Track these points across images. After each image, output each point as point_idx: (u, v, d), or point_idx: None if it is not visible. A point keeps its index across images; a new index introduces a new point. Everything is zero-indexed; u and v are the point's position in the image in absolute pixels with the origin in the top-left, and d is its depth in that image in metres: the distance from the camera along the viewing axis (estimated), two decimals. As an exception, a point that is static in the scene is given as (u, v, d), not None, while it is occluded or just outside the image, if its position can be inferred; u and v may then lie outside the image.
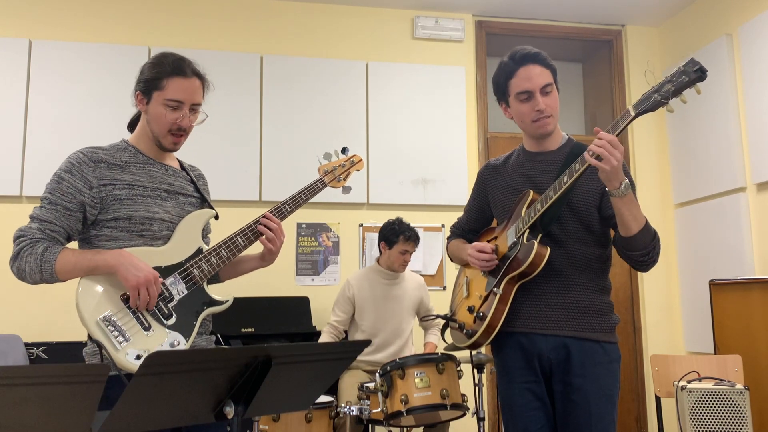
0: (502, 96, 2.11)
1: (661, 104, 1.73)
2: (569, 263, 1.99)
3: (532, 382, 1.99)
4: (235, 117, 4.30)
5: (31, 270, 1.75)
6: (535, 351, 1.98)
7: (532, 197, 2.01)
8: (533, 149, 2.13)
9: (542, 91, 2.01)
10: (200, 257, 1.88)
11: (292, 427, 2.75)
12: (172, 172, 1.97)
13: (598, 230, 2.03)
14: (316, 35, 4.56)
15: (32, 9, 4.19)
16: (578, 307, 1.98)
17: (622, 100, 4.91)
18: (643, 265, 1.93)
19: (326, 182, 2.14)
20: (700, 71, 1.68)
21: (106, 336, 1.70)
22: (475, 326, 2.03)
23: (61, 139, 4.02)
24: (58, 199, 1.80)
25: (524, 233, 1.97)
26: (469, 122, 4.67)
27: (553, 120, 2.05)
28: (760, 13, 3.97)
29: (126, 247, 1.81)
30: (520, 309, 2.01)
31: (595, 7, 4.71)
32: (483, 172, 2.27)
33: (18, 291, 3.78)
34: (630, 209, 1.82)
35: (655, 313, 4.68)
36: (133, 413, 1.23)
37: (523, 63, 2.02)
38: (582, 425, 1.93)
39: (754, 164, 3.98)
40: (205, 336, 1.97)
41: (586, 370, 1.94)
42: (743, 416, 2.90)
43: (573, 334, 1.96)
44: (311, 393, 1.54)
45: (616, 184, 1.78)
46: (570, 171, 1.85)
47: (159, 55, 1.92)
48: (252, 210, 4.13)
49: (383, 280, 3.66)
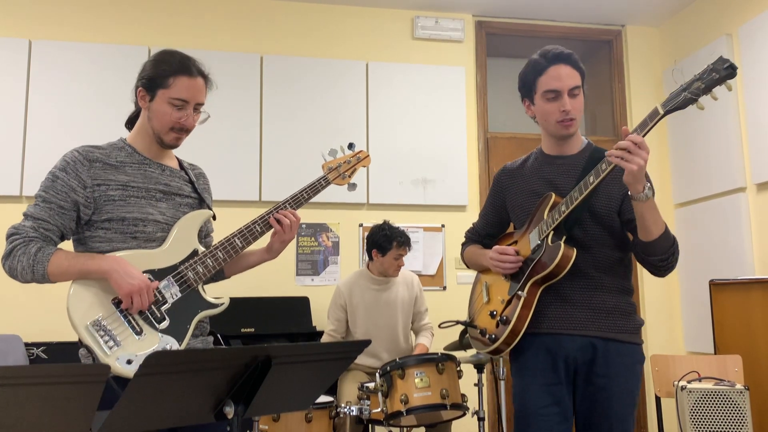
0: (527, 93, 2.08)
1: (691, 101, 1.72)
2: (593, 265, 1.98)
3: (553, 384, 1.97)
4: (235, 117, 4.30)
5: (23, 269, 1.73)
6: (561, 352, 1.96)
7: (554, 200, 1.99)
8: (553, 152, 2.11)
9: (570, 92, 1.99)
10: (195, 259, 1.85)
11: (292, 427, 2.75)
12: (169, 172, 1.95)
13: (619, 234, 2.01)
14: (316, 35, 4.56)
15: (32, 9, 4.19)
16: (604, 308, 1.96)
17: (622, 100, 4.91)
18: (661, 270, 1.91)
19: (330, 180, 2.08)
20: (730, 68, 1.68)
21: (96, 341, 1.68)
22: (498, 331, 2.00)
23: (61, 139, 4.02)
24: (53, 198, 1.78)
25: (548, 235, 1.94)
26: (469, 122, 4.67)
27: (577, 123, 2.04)
28: (760, 13, 3.97)
29: (120, 249, 1.79)
30: (546, 311, 1.99)
31: (595, 7, 4.71)
32: (500, 177, 2.24)
33: (18, 291, 3.79)
34: (652, 214, 1.80)
35: (655, 313, 4.68)
36: (133, 413, 1.23)
37: (555, 62, 2.00)
38: (603, 425, 1.92)
39: (754, 164, 3.98)
40: (201, 337, 1.94)
41: (611, 371, 1.93)
42: (743, 416, 2.90)
43: (600, 335, 1.95)
44: (311, 393, 1.54)
45: (639, 187, 1.76)
46: (596, 171, 1.84)
47: (164, 53, 1.90)
48: (252, 210, 4.13)
49: (373, 286, 3.56)
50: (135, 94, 1.91)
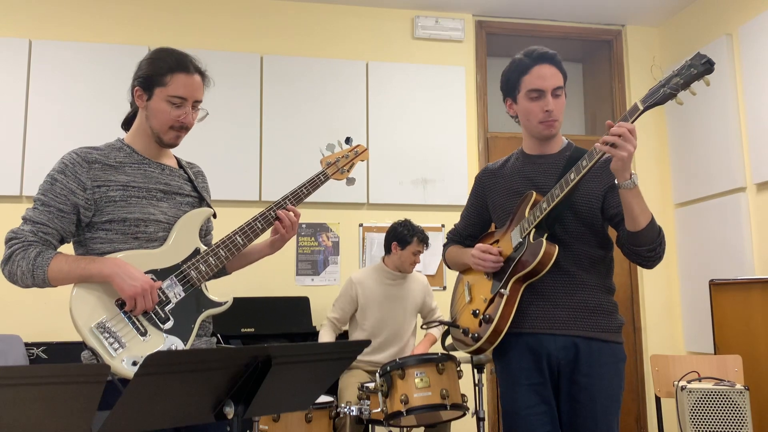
0: (510, 92, 2.09)
1: (671, 97, 1.74)
2: (575, 263, 1.99)
3: (538, 384, 1.97)
4: (235, 117, 4.30)
5: (23, 274, 1.71)
6: (543, 351, 1.97)
7: (535, 198, 2.00)
8: (534, 152, 2.12)
9: (553, 93, 2.01)
10: (197, 258, 1.84)
11: (292, 427, 2.75)
12: (169, 171, 1.93)
13: (601, 232, 2.03)
14: (316, 35, 4.56)
15: (32, 9, 4.19)
16: (586, 307, 1.97)
17: (622, 100, 4.91)
18: (649, 261, 1.92)
19: (329, 174, 2.09)
20: (708, 63, 1.69)
21: (101, 343, 1.67)
22: (481, 330, 2.01)
23: (61, 139, 4.02)
24: (51, 201, 1.76)
25: (530, 233, 1.96)
26: (469, 122, 4.67)
27: (558, 124, 2.05)
28: (760, 13, 3.97)
29: (121, 250, 1.78)
30: (528, 310, 1.99)
31: (595, 7, 4.71)
32: (481, 177, 2.26)
33: (18, 291, 3.75)
34: (638, 202, 1.81)
35: (655, 313, 4.68)
36: (133, 413, 1.23)
37: (540, 62, 2.01)
38: (587, 424, 1.92)
39: (754, 164, 3.98)
40: (206, 338, 1.94)
41: (593, 370, 1.94)
42: (743, 416, 2.90)
43: (582, 334, 1.96)
44: (311, 393, 1.54)
45: (627, 175, 1.78)
46: (577, 168, 1.85)
47: (160, 51, 1.89)
48: (252, 210, 4.08)
49: (388, 281, 3.64)
50: (132, 94, 1.89)
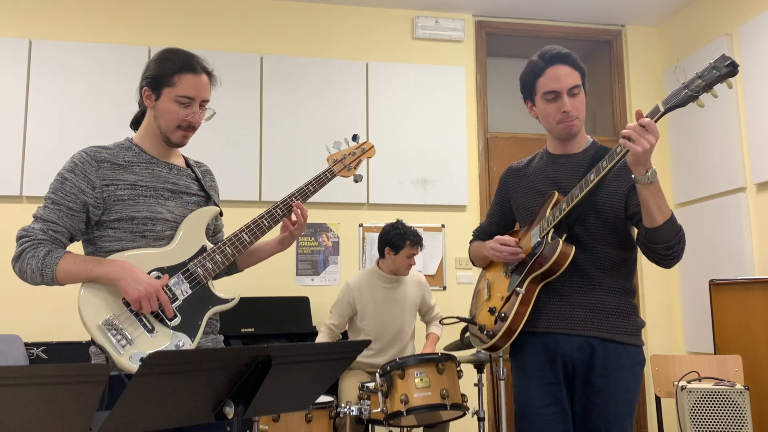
0: (528, 95, 2.08)
1: (692, 99, 1.72)
2: (594, 264, 1.97)
3: (552, 384, 1.96)
4: (235, 117, 4.30)
5: (33, 272, 1.74)
6: (559, 351, 1.96)
7: (557, 198, 1.98)
8: (557, 152, 2.11)
9: (569, 92, 1.99)
10: (204, 256, 1.87)
11: (292, 427, 2.75)
12: (177, 170, 1.96)
13: (623, 232, 2.00)
14: (316, 35, 4.56)
15: (32, 9, 4.19)
16: (604, 308, 1.95)
17: (622, 100, 4.91)
18: (667, 260, 1.87)
19: (335, 172, 2.10)
20: (731, 65, 1.68)
21: (108, 340, 1.70)
22: (495, 327, 2.00)
23: (61, 139, 4.02)
24: (62, 199, 1.78)
25: (549, 232, 1.94)
26: (469, 122, 4.67)
27: (579, 122, 2.03)
28: (760, 13, 3.97)
29: (129, 248, 1.80)
30: (544, 309, 1.98)
31: (595, 7, 4.71)
32: (505, 176, 2.25)
33: (18, 291, 3.78)
34: (655, 198, 1.78)
35: (655, 313, 4.68)
36: (133, 413, 1.23)
37: (553, 63, 2.00)
38: (599, 427, 1.91)
39: (754, 164, 3.98)
40: (212, 336, 1.95)
41: (609, 372, 1.92)
42: (743, 416, 2.90)
43: (598, 335, 1.93)
44: (311, 393, 1.54)
45: (642, 170, 1.74)
46: (597, 169, 1.83)
47: (167, 51, 1.91)
48: (252, 210, 4.12)
49: (384, 284, 3.61)
50: (140, 94, 1.92)
